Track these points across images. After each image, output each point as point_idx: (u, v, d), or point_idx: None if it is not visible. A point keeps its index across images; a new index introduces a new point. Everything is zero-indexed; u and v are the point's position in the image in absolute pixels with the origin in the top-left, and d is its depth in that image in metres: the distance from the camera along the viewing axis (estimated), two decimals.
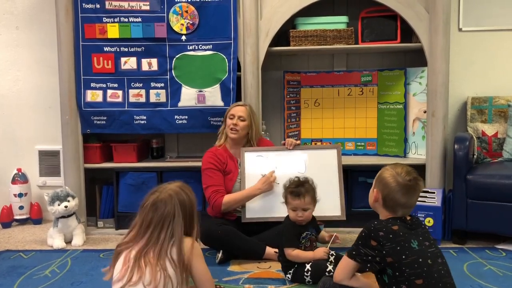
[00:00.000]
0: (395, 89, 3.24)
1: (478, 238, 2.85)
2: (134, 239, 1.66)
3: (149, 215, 1.65)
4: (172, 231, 1.65)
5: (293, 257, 2.26)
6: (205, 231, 2.64)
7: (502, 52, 3.32)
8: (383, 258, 1.65)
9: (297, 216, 2.31)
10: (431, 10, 2.93)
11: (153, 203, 1.66)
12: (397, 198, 1.72)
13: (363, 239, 1.71)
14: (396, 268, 1.64)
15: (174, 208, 1.66)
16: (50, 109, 3.54)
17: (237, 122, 2.76)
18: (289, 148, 2.76)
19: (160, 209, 1.65)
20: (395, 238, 1.65)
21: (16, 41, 3.55)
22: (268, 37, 3.05)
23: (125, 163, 3.20)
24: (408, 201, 1.73)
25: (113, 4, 3.05)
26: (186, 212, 1.69)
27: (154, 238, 1.63)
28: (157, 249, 1.62)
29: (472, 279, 2.27)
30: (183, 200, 1.69)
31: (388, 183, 1.74)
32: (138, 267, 1.60)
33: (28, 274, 2.45)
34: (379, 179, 1.79)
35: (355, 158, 3.31)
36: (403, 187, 1.72)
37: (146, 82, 3.09)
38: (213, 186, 2.68)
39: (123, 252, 1.65)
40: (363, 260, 1.70)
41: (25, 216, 3.47)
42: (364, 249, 1.69)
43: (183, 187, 1.75)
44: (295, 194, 2.31)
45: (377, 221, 1.72)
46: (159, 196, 1.67)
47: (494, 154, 3.13)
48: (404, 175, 1.74)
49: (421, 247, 1.66)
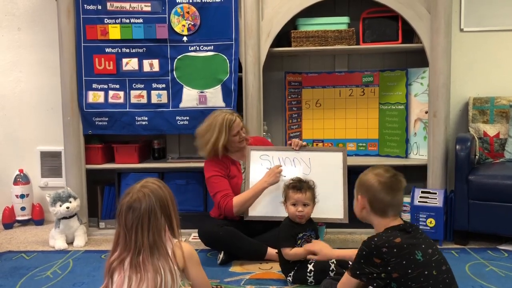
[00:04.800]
0: (396, 89, 3.24)
1: (480, 239, 2.84)
2: (124, 250, 1.60)
3: (128, 219, 1.59)
4: (156, 227, 1.59)
5: (291, 256, 2.25)
6: (206, 232, 2.65)
7: (504, 53, 3.31)
8: (389, 274, 1.60)
9: (296, 211, 2.31)
10: (432, 11, 2.93)
11: (128, 207, 1.59)
12: (382, 197, 1.69)
13: (365, 258, 1.64)
14: (401, 283, 1.60)
15: (150, 206, 1.59)
16: (51, 110, 3.55)
17: (242, 134, 2.72)
18: (295, 149, 2.74)
19: (137, 209, 1.58)
20: (399, 252, 1.59)
21: (18, 42, 3.56)
22: (270, 38, 3.05)
23: (126, 164, 3.20)
24: (394, 198, 1.70)
25: (115, 5, 3.05)
26: (163, 203, 1.63)
27: (139, 241, 1.57)
28: (146, 251, 1.57)
29: (474, 280, 2.26)
30: (157, 194, 1.62)
31: (370, 185, 1.72)
32: (135, 275, 1.56)
33: (30, 275, 2.45)
34: (360, 184, 1.76)
35: (356, 158, 3.31)
36: (385, 185, 1.70)
37: (147, 83, 3.10)
38: (221, 192, 2.65)
39: (117, 268, 1.60)
40: (368, 279, 1.64)
41: (27, 217, 3.48)
42: (368, 267, 1.63)
43: (153, 181, 1.68)
44: (297, 188, 2.33)
45: (377, 237, 1.65)
46: (132, 197, 1.61)
47: (496, 155, 3.13)
48: (383, 172, 1.72)
49: (425, 257, 1.61)
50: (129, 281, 1.56)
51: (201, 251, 2.75)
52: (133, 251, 1.58)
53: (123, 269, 1.59)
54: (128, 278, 1.56)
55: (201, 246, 2.76)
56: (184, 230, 3.07)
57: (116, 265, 1.60)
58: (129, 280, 1.56)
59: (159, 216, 1.61)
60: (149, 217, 1.58)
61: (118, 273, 1.59)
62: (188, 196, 3.18)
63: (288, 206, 2.35)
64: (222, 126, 2.65)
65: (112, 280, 1.60)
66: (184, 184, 3.19)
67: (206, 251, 2.76)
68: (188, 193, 3.19)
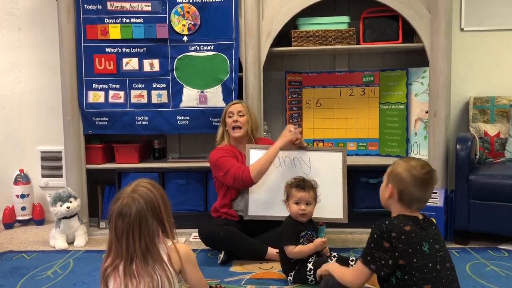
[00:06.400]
0: (397, 89, 3.24)
1: (480, 239, 2.85)
2: (117, 257, 1.56)
3: (118, 226, 1.55)
4: (148, 233, 1.55)
5: (296, 254, 2.25)
6: (207, 232, 2.65)
7: (504, 52, 3.31)
8: (395, 261, 1.60)
9: (299, 210, 2.31)
10: (432, 10, 2.93)
11: (118, 213, 1.56)
12: (413, 192, 1.68)
13: (375, 241, 1.64)
14: (406, 271, 1.60)
15: (140, 212, 1.55)
16: (52, 110, 3.55)
17: (237, 118, 2.76)
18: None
19: (127, 215, 1.54)
20: (408, 240, 1.60)
21: (18, 42, 3.56)
22: (270, 38, 3.05)
23: (127, 164, 3.20)
24: (424, 195, 1.70)
25: (115, 5, 3.05)
26: (154, 208, 1.58)
27: (131, 248, 1.54)
28: (139, 258, 1.54)
29: (474, 280, 2.27)
30: (147, 199, 1.58)
31: (404, 177, 1.70)
32: (130, 282, 1.53)
33: (31, 275, 2.45)
34: (393, 174, 1.73)
35: (357, 158, 3.31)
36: (419, 180, 1.68)
37: (147, 83, 3.10)
38: (234, 166, 2.61)
39: (111, 274, 1.57)
40: (377, 267, 1.63)
41: (27, 217, 3.48)
42: (377, 252, 1.63)
43: (144, 184, 1.63)
44: (300, 186, 2.34)
45: (388, 221, 1.66)
46: (122, 202, 1.57)
47: (496, 154, 3.13)
48: (419, 168, 1.70)
49: (431, 251, 1.62)
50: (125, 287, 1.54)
51: (201, 251, 2.76)
52: (125, 258, 1.55)
53: (118, 275, 1.55)
54: (124, 285, 1.53)
55: (202, 246, 2.76)
56: (184, 230, 3.08)
57: (110, 271, 1.57)
58: (125, 287, 1.53)
59: (151, 221, 1.56)
60: (139, 224, 1.54)
61: (113, 279, 1.56)
62: (188, 196, 3.18)
63: (290, 204, 2.35)
64: (226, 108, 2.85)
65: (107, 286, 1.57)
66: (184, 184, 3.19)
67: (207, 251, 2.76)
68: (188, 193, 3.19)
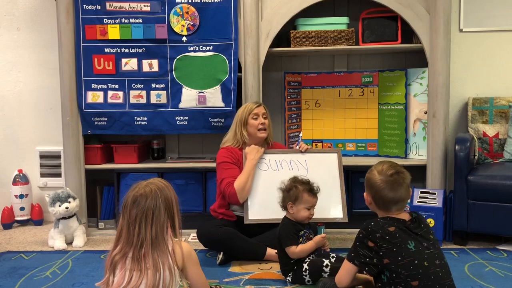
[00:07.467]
0: (395, 90, 3.24)
1: (479, 239, 2.85)
2: (127, 244, 1.62)
3: (132, 212, 1.62)
4: (159, 222, 1.63)
5: (298, 254, 2.25)
6: (205, 233, 2.65)
7: (503, 53, 3.31)
8: (380, 261, 1.66)
9: (309, 215, 2.32)
10: (431, 11, 2.93)
11: (133, 199, 1.63)
12: (384, 195, 1.74)
13: (361, 240, 1.72)
14: (392, 269, 1.65)
15: (155, 201, 1.63)
16: (51, 110, 3.55)
17: (263, 120, 2.75)
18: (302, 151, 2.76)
19: (141, 202, 1.62)
20: (391, 239, 1.66)
21: (17, 43, 3.56)
22: (269, 38, 3.05)
23: (126, 164, 3.20)
24: (396, 195, 1.73)
25: (114, 5, 3.05)
26: (168, 202, 1.67)
27: (142, 234, 1.60)
28: (148, 245, 1.60)
29: (473, 280, 2.27)
30: (163, 192, 1.67)
31: (374, 183, 1.77)
32: (136, 269, 1.58)
33: (29, 275, 2.45)
34: (367, 181, 1.82)
35: (356, 159, 3.31)
36: (387, 183, 1.74)
37: (146, 83, 3.10)
38: (227, 179, 2.64)
39: (119, 262, 1.62)
40: (361, 263, 1.70)
41: (26, 217, 3.48)
42: (362, 250, 1.70)
43: (160, 180, 1.73)
44: (313, 192, 2.34)
45: (374, 222, 1.72)
46: (138, 191, 1.65)
47: (495, 155, 3.13)
48: (385, 170, 1.76)
49: (417, 248, 1.66)
50: (129, 275, 1.58)
51: (200, 251, 2.75)
52: (135, 244, 1.60)
53: (125, 264, 1.60)
54: (129, 272, 1.58)
55: (200, 247, 2.76)
56: (184, 230, 3.04)
57: (118, 258, 1.62)
58: (130, 274, 1.58)
59: (163, 213, 1.65)
60: (153, 212, 1.62)
61: (120, 267, 1.61)
62: (187, 196, 3.18)
63: (300, 209, 2.31)
64: (245, 108, 2.78)
65: (113, 274, 1.61)
66: (183, 184, 3.19)
67: (205, 251, 2.76)
68: (187, 193, 3.19)
